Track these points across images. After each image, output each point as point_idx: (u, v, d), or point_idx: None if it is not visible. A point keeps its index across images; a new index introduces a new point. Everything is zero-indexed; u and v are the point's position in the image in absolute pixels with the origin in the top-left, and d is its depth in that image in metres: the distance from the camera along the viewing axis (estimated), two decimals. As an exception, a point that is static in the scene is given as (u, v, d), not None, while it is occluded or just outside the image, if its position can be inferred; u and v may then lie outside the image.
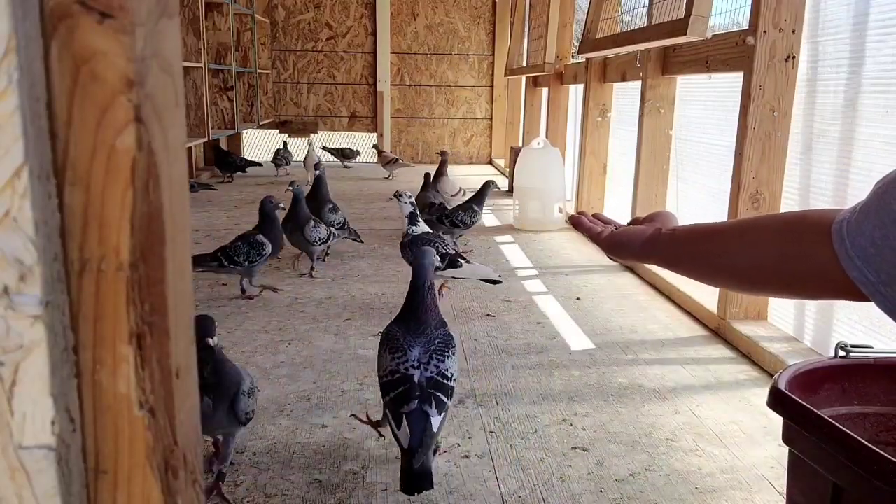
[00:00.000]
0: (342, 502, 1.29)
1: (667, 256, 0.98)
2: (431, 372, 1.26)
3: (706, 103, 2.77)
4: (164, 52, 0.44)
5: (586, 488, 1.35)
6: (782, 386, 0.85)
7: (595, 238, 1.07)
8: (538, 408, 1.66)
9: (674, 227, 1.00)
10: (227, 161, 5.66)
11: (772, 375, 1.71)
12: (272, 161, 5.95)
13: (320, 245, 2.81)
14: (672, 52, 2.74)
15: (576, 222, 1.12)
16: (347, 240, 3.11)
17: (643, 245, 0.99)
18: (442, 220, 3.10)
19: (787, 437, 0.88)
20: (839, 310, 1.86)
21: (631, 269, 2.99)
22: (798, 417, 0.81)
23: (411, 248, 2.22)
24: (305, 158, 5.27)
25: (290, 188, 2.89)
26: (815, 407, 0.84)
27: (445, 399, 1.26)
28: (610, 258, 1.08)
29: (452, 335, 1.36)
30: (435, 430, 1.22)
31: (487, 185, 3.21)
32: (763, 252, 0.84)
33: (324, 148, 6.40)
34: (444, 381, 1.27)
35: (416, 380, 1.25)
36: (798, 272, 0.79)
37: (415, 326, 1.33)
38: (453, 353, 1.32)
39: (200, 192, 4.93)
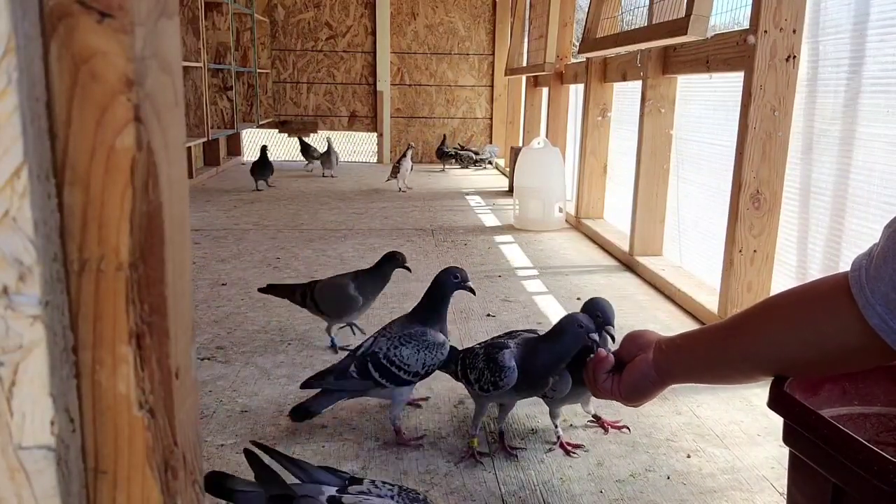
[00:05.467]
0: (342, 502, 1.29)
1: (682, 373, 0.97)
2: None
3: (707, 103, 2.77)
4: (164, 51, 0.44)
5: (586, 489, 1.35)
6: (783, 386, 0.85)
7: (614, 397, 1.07)
8: (538, 408, 1.65)
9: (667, 339, 0.99)
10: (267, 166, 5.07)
11: (772, 375, 1.70)
12: (318, 159, 6.01)
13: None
14: (672, 51, 2.74)
15: (598, 392, 1.10)
16: (349, 242, 3.10)
17: (655, 374, 0.98)
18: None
19: (788, 438, 0.87)
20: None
21: (631, 270, 2.99)
22: (798, 418, 0.81)
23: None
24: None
25: None
26: (816, 407, 0.84)
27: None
28: (636, 405, 1.09)
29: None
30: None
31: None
32: (783, 338, 0.82)
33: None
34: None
35: None
36: (821, 339, 0.78)
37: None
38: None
39: (200, 192, 4.92)
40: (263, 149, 5.00)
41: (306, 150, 6.25)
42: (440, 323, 1.54)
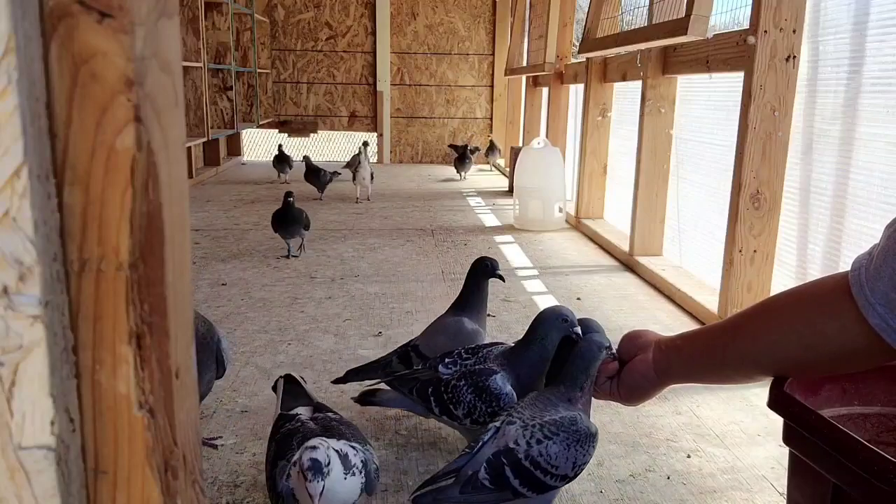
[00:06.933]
0: (342, 502, 1.29)
1: (682, 374, 0.97)
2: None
3: (707, 103, 2.77)
4: (164, 51, 0.44)
5: (586, 489, 1.35)
6: (783, 386, 0.85)
7: (613, 398, 1.07)
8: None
9: (666, 339, 0.99)
10: (317, 174, 4.55)
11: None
12: (274, 165, 5.43)
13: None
14: (672, 51, 2.74)
15: (597, 394, 1.11)
16: (349, 242, 3.09)
17: (654, 375, 0.98)
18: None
19: (788, 438, 0.87)
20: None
21: (631, 270, 2.99)
22: (798, 418, 0.81)
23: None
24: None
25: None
26: (816, 407, 0.84)
27: None
28: (635, 405, 1.09)
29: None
30: None
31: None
32: (782, 339, 0.82)
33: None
34: None
35: None
36: (821, 340, 0.78)
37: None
38: None
39: (200, 192, 4.92)
40: (287, 196, 3.27)
41: (282, 159, 5.33)
42: (481, 311, 1.66)
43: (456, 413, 1.33)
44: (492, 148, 6.48)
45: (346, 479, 1.04)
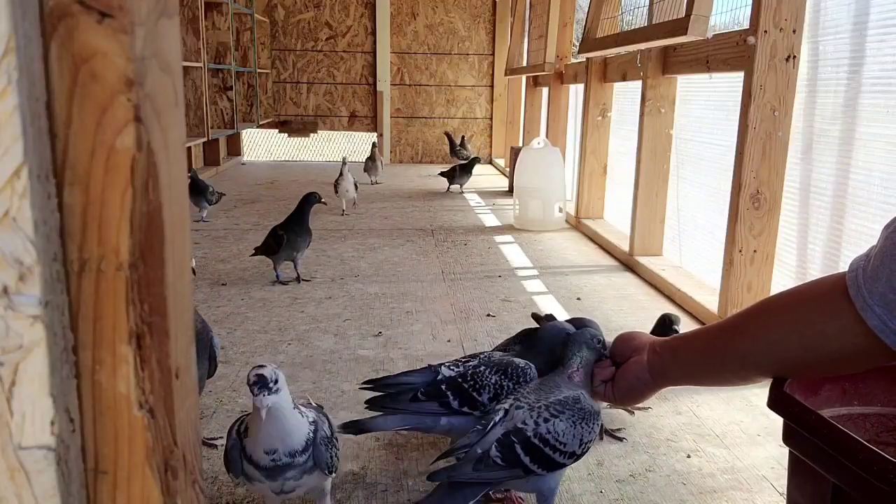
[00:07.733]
0: (342, 503, 1.29)
1: (678, 375, 0.97)
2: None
3: (707, 103, 2.77)
4: (164, 51, 0.44)
5: (586, 489, 1.35)
6: (783, 387, 0.85)
7: (608, 399, 1.08)
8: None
9: (661, 340, 0.99)
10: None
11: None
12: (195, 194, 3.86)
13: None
14: (672, 51, 2.74)
15: (592, 395, 1.13)
16: (349, 242, 3.09)
17: (649, 376, 0.98)
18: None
19: (788, 438, 0.87)
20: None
21: (631, 270, 2.99)
22: (798, 418, 0.81)
23: None
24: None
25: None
26: (816, 407, 0.84)
27: None
28: (634, 407, 1.08)
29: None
30: None
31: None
32: (781, 340, 0.82)
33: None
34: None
35: None
36: (822, 341, 0.78)
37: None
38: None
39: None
40: (311, 199, 2.73)
41: (200, 190, 3.85)
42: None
43: (480, 399, 1.27)
44: (462, 144, 6.23)
45: (294, 408, 1.13)
